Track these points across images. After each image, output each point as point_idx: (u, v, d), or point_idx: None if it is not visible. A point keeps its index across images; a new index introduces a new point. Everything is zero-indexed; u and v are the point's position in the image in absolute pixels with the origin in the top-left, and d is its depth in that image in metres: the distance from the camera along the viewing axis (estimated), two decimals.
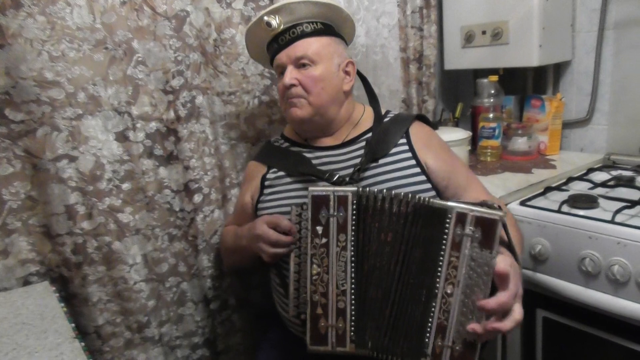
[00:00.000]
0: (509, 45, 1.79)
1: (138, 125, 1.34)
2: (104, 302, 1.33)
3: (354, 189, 1.04)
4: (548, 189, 1.55)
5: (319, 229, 1.04)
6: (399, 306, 1.03)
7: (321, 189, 1.05)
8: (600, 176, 1.66)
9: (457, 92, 2.27)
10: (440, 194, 1.26)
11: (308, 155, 1.32)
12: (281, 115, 1.61)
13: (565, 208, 1.38)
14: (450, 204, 0.98)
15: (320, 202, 1.04)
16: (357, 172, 1.21)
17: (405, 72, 1.94)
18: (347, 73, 1.31)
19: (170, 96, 1.37)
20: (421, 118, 1.37)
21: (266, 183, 1.33)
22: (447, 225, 0.96)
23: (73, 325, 1.00)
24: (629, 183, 1.53)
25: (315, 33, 1.26)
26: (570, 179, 1.62)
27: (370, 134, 1.30)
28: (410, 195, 1.02)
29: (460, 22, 1.92)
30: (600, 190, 1.50)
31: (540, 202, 1.48)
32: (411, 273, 1.02)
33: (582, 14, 1.84)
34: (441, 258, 0.97)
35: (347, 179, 1.20)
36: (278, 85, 1.30)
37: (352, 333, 1.04)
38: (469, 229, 0.95)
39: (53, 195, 1.23)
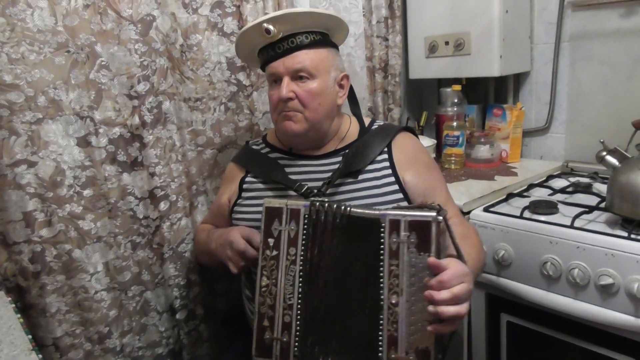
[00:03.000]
0: (471, 56, 1.83)
1: (101, 130, 1.31)
2: (63, 312, 1.29)
3: (307, 203, 1.04)
4: (510, 196, 1.58)
5: (271, 241, 1.04)
6: (346, 321, 1.02)
7: (276, 201, 1.06)
8: (559, 183, 1.70)
9: (422, 101, 2.30)
10: None
11: (288, 162, 1.30)
12: (248, 122, 1.60)
13: (526, 214, 1.42)
14: (381, 212, 0.97)
15: (273, 214, 1.05)
16: (327, 185, 1.20)
17: (371, 80, 1.96)
18: (341, 86, 1.29)
19: (136, 101, 1.35)
20: (408, 130, 1.35)
21: (244, 187, 1.31)
22: (382, 234, 0.96)
23: (30, 337, 0.97)
24: (586, 189, 1.58)
25: (313, 44, 1.21)
26: (531, 186, 1.66)
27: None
28: (346, 207, 1.03)
29: (424, 33, 1.96)
30: (559, 197, 1.54)
31: (502, 208, 1.51)
32: (354, 286, 1.02)
33: (540, 26, 1.90)
34: (381, 269, 0.96)
35: (315, 191, 1.19)
36: (270, 93, 1.25)
37: (295, 348, 1.03)
38: (403, 234, 0.94)
39: (10, 202, 1.19)
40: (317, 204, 1.04)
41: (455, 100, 1.96)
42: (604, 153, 1.37)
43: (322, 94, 1.22)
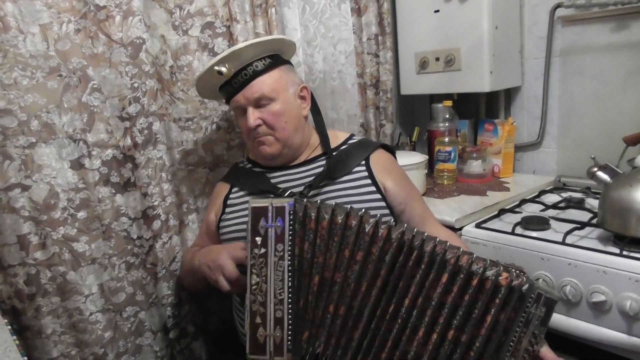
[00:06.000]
0: (461, 72, 1.85)
1: (94, 152, 1.32)
2: (59, 334, 1.29)
3: (291, 200, 1.06)
4: (502, 211, 1.59)
5: (258, 239, 1.06)
6: (384, 337, 1.01)
7: (261, 200, 1.07)
8: (551, 198, 1.71)
9: (414, 117, 2.31)
10: (395, 218, 1.30)
11: (270, 174, 1.36)
12: (240, 141, 1.61)
13: (518, 230, 1.42)
14: (530, 283, 0.98)
15: (259, 213, 1.06)
16: (308, 188, 1.25)
17: (363, 97, 1.97)
18: (302, 98, 1.35)
19: (127, 123, 1.36)
20: (385, 147, 1.42)
21: (228, 202, 1.36)
22: (528, 304, 0.97)
23: (25, 358, 0.97)
24: (578, 205, 1.59)
25: (266, 69, 1.28)
26: (523, 201, 1.67)
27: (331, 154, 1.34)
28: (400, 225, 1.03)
29: (415, 49, 1.97)
30: (551, 212, 1.55)
31: (494, 224, 1.51)
32: (406, 306, 1.00)
33: (530, 41, 1.92)
34: (516, 333, 0.97)
35: (299, 194, 1.22)
36: (240, 124, 1.34)
37: (289, 342, 1.04)
38: (540, 309, 0.97)
39: (5, 225, 1.20)
40: (305, 201, 1.07)
41: (447, 116, 1.97)
42: (595, 169, 1.38)
43: (286, 112, 1.30)
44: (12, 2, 1.17)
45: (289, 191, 1.23)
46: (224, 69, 1.24)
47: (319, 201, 1.07)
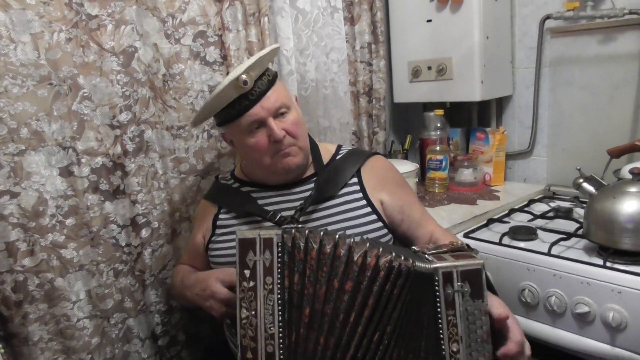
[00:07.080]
0: (453, 81, 1.86)
1: (83, 160, 1.32)
2: (46, 341, 1.29)
3: (279, 231, 1.04)
4: (491, 221, 1.60)
5: (247, 272, 1.03)
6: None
7: (248, 232, 1.05)
8: (540, 207, 1.72)
9: (408, 124, 2.32)
10: (395, 229, 1.29)
11: (259, 195, 1.31)
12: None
13: (505, 240, 1.43)
14: (431, 265, 0.99)
15: (247, 245, 1.03)
16: (299, 212, 1.21)
17: (356, 105, 1.97)
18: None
19: (117, 131, 1.37)
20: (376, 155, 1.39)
21: (218, 223, 1.31)
22: (436, 287, 0.98)
23: None
24: (566, 214, 1.59)
25: (272, 81, 1.24)
26: (512, 211, 1.67)
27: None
28: (382, 248, 1.02)
29: (407, 58, 1.99)
30: (539, 222, 1.56)
31: (483, 234, 1.52)
32: (387, 333, 1.00)
33: (521, 51, 1.94)
34: (439, 319, 0.98)
35: (290, 219, 1.20)
36: (254, 141, 1.21)
37: None
38: (457, 285, 0.97)
39: None
40: (293, 231, 1.04)
41: (438, 125, 1.98)
42: (581, 180, 1.39)
43: (301, 121, 1.28)
44: (3, 12, 1.18)
45: (279, 215, 1.20)
46: (248, 79, 1.16)
47: (307, 231, 1.04)
